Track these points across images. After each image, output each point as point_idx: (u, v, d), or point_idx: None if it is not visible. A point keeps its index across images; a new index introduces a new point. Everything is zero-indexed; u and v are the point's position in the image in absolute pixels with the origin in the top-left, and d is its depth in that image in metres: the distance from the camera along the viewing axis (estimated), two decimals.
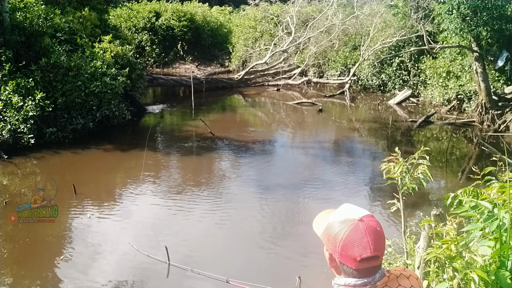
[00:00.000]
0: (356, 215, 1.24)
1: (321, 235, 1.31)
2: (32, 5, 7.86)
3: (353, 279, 1.23)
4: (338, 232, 1.22)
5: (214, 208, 5.24)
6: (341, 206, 1.30)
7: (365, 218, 1.22)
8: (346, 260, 1.20)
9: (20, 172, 6.22)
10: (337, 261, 1.24)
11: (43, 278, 3.83)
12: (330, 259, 1.28)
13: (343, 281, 1.25)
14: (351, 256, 1.19)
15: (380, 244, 1.20)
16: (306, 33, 14.19)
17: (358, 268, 1.20)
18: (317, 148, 8.25)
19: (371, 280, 1.23)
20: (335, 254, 1.23)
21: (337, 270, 1.27)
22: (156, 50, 16.89)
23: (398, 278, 1.28)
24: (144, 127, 9.39)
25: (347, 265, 1.21)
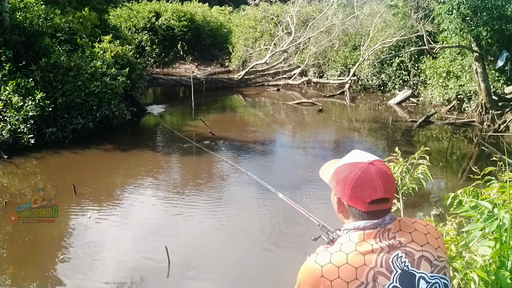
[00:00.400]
0: (366, 158, 1.22)
1: (329, 180, 1.30)
2: (32, 5, 7.86)
3: (362, 221, 1.20)
4: (347, 175, 1.20)
5: (214, 208, 5.24)
6: (351, 152, 1.28)
7: (375, 162, 1.20)
8: (356, 203, 1.18)
9: (20, 172, 6.22)
10: (346, 204, 1.22)
11: (43, 278, 3.83)
12: (338, 204, 1.26)
13: (352, 225, 1.22)
14: (360, 198, 1.17)
15: (390, 187, 1.18)
16: (306, 33, 14.19)
17: (367, 210, 1.17)
18: (317, 148, 8.25)
19: (381, 221, 1.19)
20: (344, 197, 1.21)
21: (345, 214, 1.25)
22: (156, 50, 16.89)
23: (413, 223, 1.24)
24: (144, 127, 9.40)
25: (356, 207, 1.19)
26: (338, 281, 1.13)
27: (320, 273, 1.16)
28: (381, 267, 1.13)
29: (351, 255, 1.15)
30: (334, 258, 1.17)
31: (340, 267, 1.14)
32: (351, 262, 1.14)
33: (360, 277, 1.12)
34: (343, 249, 1.18)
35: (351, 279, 1.12)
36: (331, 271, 1.14)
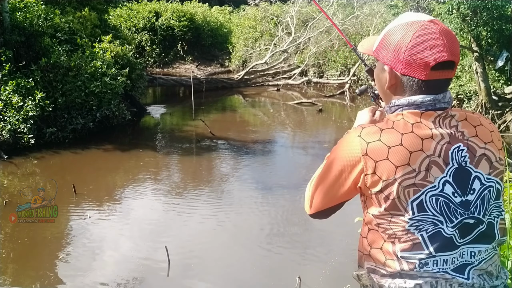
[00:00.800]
0: (424, 17, 1.01)
1: (375, 48, 1.09)
2: (32, 5, 7.86)
3: (419, 96, 1.00)
4: (404, 36, 0.99)
5: (214, 208, 5.24)
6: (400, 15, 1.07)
7: (435, 20, 0.99)
8: (414, 69, 0.98)
9: (20, 172, 6.22)
10: (399, 74, 1.01)
11: (43, 278, 3.83)
12: (389, 75, 1.04)
13: (405, 100, 1.02)
14: (422, 61, 0.96)
15: (456, 49, 0.98)
16: (306, 33, 14.19)
17: (428, 79, 0.98)
18: (317, 148, 8.25)
19: (441, 97, 1.00)
20: (397, 64, 1.00)
21: (396, 90, 1.05)
22: (156, 50, 16.88)
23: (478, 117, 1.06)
24: (144, 127, 9.40)
25: (413, 76, 0.99)
26: (386, 163, 0.97)
27: (365, 150, 0.99)
28: (438, 157, 0.97)
29: (408, 137, 0.98)
30: (385, 136, 0.99)
31: (392, 147, 0.97)
32: (407, 145, 0.97)
33: (413, 164, 0.96)
34: (397, 128, 0.99)
35: (402, 163, 0.96)
36: (380, 150, 0.98)
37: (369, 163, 0.98)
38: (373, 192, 1.00)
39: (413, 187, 0.97)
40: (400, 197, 0.97)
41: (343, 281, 3.41)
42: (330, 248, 4.35)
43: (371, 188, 1.00)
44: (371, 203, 1.03)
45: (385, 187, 0.97)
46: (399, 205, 0.98)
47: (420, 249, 0.98)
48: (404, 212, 0.98)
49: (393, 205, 0.98)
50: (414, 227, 0.98)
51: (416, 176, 0.96)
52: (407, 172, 0.96)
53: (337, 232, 4.66)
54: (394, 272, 1.01)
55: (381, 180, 0.98)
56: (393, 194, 0.97)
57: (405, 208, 0.98)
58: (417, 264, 0.98)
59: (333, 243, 4.45)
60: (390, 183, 0.97)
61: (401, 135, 0.98)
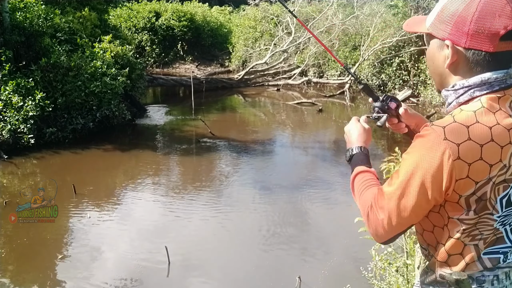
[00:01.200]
0: None
1: (431, 23, 0.99)
2: (32, 5, 7.86)
3: (489, 73, 0.91)
4: (466, 6, 0.90)
5: (214, 208, 5.24)
6: None
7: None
8: (481, 40, 0.89)
9: (20, 172, 6.22)
10: (463, 48, 0.92)
11: (43, 278, 3.83)
12: (452, 51, 0.93)
13: (477, 79, 0.92)
14: (490, 30, 0.88)
15: None
16: (306, 33, 14.18)
17: (496, 51, 0.89)
18: (317, 148, 8.25)
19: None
20: (461, 37, 0.91)
21: (456, 68, 0.96)
22: (156, 50, 16.89)
23: None
24: (144, 127, 9.39)
25: (479, 49, 0.90)
26: (480, 164, 0.88)
27: (457, 153, 0.87)
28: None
29: (496, 130, 0.89)
30: (474, 132, 0.88)
31: (484, 145, 0.88)
32: (497, 139, 0.88)
33: (504, 159, 0.89)
34: (483, 121, 0.90)
35: (495, 161, 0.88)
36: (472, 150, 0.87)
37: (462, 167, 0.88)
38: (464, 196, 0.91)
39: (503, 184, 0.91)
40: (491, 196, 0.92)
41: (343, 281, 3.41)
42: (330, 248, 4.35)
43: (462, 192, 0.91)
44: (455, 207, 0.94)
45: (478, 188, 0.90)
46: (489, 205, 0.92)
47: (502, 242, 0.97)
48: (492, 210, 0.93)
49: (483, 206, 0.92)
50: (500, 223, 0.95)
51: (506, 172, 0.90)
52: (500, 169, 0.89)
53: (337, 232, 4.66)
54: (474, 270, 0.98)
55: (474, 182, 0.89)
56: (486, 195, 0.91)
57: (493, 206, 0.93)
58: (501, 258, 0.97)
59: (333, 243, 4.45)
60: (484, 184, 0.90)
61: (489, 128, 0.89)
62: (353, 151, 1.25)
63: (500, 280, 1.00)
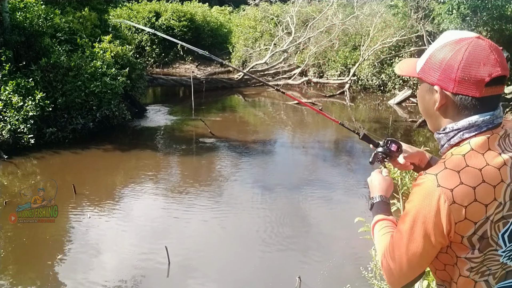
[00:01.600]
0: (470, 34, 0.97)
1: (420, 69, 1.04)
2: (32, 5, 7.86)
3: (476, 116, 0.96)
4: (454, 54, 0.95)
5: (214, 209, 5.24)
6: (442, 35, 1.03)
7: (481, 36, 0.97)
8: (467, 87, 0.94)
9: (20, 172, 6.23)
10: (450, 94, 0.97)
11: (43, 278, 3.83)
12: (440, 96, 0.99)
13: (465, 122, 0.97)
14: (476, 78, 0.93)
15: (506, 64, 0.96)
16: (306, 33, 14.19)
17: (482, 96, 0.94)
18: (317, 148, 8.25)
19: (498, 113, 0.97)
20: (449, 84, 0.96)
21: (447, 111, 1.01)
22: (156, 50, 16.89)
23: None
24: (144, 127, 9.39)
25: (467, 94, 0.95)
26: (475, 204, 0.92)
27: (451, 198, 0.92)
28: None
29: (486, 171, 0.94)
30: (465, 177, 0.93)
31: (476, 187, 0.92)
32: (488, 180, 0.93)
33: (499, 197, 0.94)
34: (472, 164, 0.95)
35: (489, 200, 0.93)
36: (466, 193, 0.92)
37: (458, 211, 0.92)
38: (466, 237, 0.95)
39: (502, 220, 0.95)
40: (492, 234, 0.96)
41: (343, 281, 3.41)
42: (330, 248, 4.35)
43: (464, 233, 0.95)
44: (461, 247, 0.98)
45: (478, 228, 0.94)
46: (492, 242, 0.96)
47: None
48: (496, 246, 0.97)
49: (486, 244, 0.96)
50: (507, 258, 0.99)
51: (503, 209, 0.95)
52: (496, 207, 0.94)
53: (337, 232, 4.66)
54: None
55: (473, 223, 0.94)
56: (487, 233, 0.95)
57: (496, 243, 0.97)
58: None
59: (333, 244, 4.46)
60: (483, 223, 0.94)
61: (479, 171, 0.94)
62: (374, 200, 1.30)
63: None
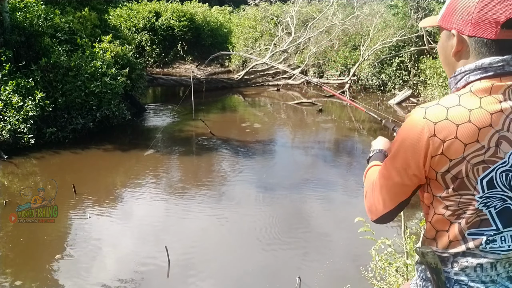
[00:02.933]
0: None
1: (440, 16, 1.07)
2: (32, 5, 7.86)
3: (488, 58, 0.96)
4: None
5: (215, 208, 5.24)
6: None
7: None
8: (483, 28, 0.95)
9: (20, 172, 6.22)
10: (467, 38, 0.99)
11: (43, 278, 3.83)
12: (457, 40, 1.00)
13: (472, 65, 0.99)
14: (491, 18, 0.94)
15: None
16: (306, 33, 14.19)
17: (497, 38, 0.94)
18: (317, 148, 8.25)
19: (510, 59, 0.96)
20: (465, 25, 0.98)
21: (460, 56, 1.02)
22: (156, 50, 16.89)
23: None
24: (144, 127, 9.40)
25: (482, 36, 0.96)
26: (454, 142, 0.94)
27: (432, 131, 0.95)
28: (507, 131, 0.95)
29: (476, 112, 0.94)
30: (452, 113, 0.95)
31: (460, 125, 0.94)
32: (475, 121, 0.94)
33: (482, 140, 0.94)
34: (464, 104, 0.96)
35: (470, 140, 0.94)
36: (448, 129, 0.94)
37: (436, 144, 0.95)
38: (439, 173, 0.97)
39: (482, 164, 0.95)
40: (469, 176, 0.95)
41: (343, 281, 3.41)
42: (330, 248, 4.35)
43: (438, 169, 0.97)
44: (436, 185, 1.00)
45: (453, 166, 0.95)
46: (468, 184, 0.96)
47: (487, 225, 0.98)
48: (473, 190, 0.96)
49: (461, 184, 0.96)
50: (482, 204, 0.97)
51: (485, 153, 0.94)
52: (476, 149, 0.94)
53: (337, 232, 4.66)
54: (458, 252, 1.01)
55: (448, 160, 0.95)
56: (461, 173, 0.95)
57: (474, 187, 0.96)
58: (484, 240, 0.99)
59: (333, 243, 4.46)
60: (458, 162, 0.95)
61: (469, 111, 0.94)
62: (373, 152, 1.38)
63: (484, 269, 1.00)
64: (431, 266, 1.03)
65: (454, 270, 1.02)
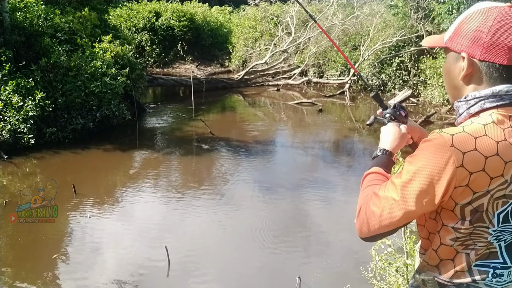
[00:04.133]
0: (500, 4, 0.97)
1: (448, 37, 1.02)
2: (32, 5, 7.86)
3: (503, 86, 0.93)
4: (484, 20, 0.94)
5: (215, 208, 5.24)
6: (472, 6, 1.01)
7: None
8: (496, 53, 0.92)
9: (20, 172, 6.23)
10: (477, 62, 0.96)
11: (43, 278, 3.83)
12: (468, 63, 0.96)
13: (489, 91, 0.95)
14: (504, 43, 0.91)
15: None
16: (306, 33, 14.19)
17: (510, 64, 0.92)
18: (317, 148, 8.25)
19: None
20: (476, 49, 0.95)
21: (470, 79, 0.99)
22: (156, 50, 16.88)
23: None
24: (144, 127, 9.40)
25: (494, 61, 0.93)
26: (481, 174, 0.90)
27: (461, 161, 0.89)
28: None
29: (503, 145, 0.91)
30: (480, 144, 0.91)
31: (489, 158, 0.90)
32: (502, 154, 0.90)
33: (506, 175, 0.91)
34: (491, 134, 0.91)
35: (496, 174, 0.90)
36: (477, 161, 0.89)
37: (463, 176, 0.90)
38: (459, 204, 0.93)
39: (502, 199, 0.93)
40: (488, 209, 0.93)
41: (343, 281, 3.41)
42: (330, 248, 4.35)
43: (458, 200, 0.93)
44: (450, 215, 0.96)
45: (475, 199, 0.92)
46: (485, 217, 0.94)
47: (495, 257, 0.97)
48: (489, 223, 0.94)
49: (479, 218, 0.94)
50: (494, 238, 0.96)
51: (507, 187, 0.92)
52: (500, 183, 0.91)
53: (337, 232, 4.66)
54: (462, 283, 0.98)
55: (472, 192, 0.91)
56: (483, 207, 0.92)
57: (490, 220, 0.94)
58: (491, 273, 0.97)
59: (333, 243, 4.46)
60: (482, 195, 0.91)
61: (496, 143, 0.91)
62: (378, 153, 1.29)
63: None
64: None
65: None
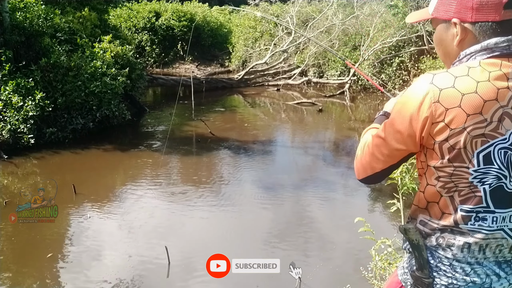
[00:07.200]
0: None
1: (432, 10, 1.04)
2: (32, 5, 7.85)
3: (493, 38, 0.95)
4: None
5: (214, 209, 5.24)
6: None
7: None
8: (486, 11, 0.93)
9: (20, 172, 6.22)
10: (469, 24, 0.97)
11: (43, 278, 3.83)
12: (460, 28, 0.98)
13: (478, 45, 0.96)
14: (493, 1, 0.92)
15: None
16: (306, 33, 14.18)
17: (502, 19, 0.93)
18: (317, 148, 8.25)
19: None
20: (466, 13, 0.96)
21: (463, 44, 0.99)
22: (156, 50, 16.88)
23: None
24: (144, 127, 9.40)
25: (485, 20, 0.94)
26: (457, 110, 0.92)
27: (437, 97, 0.93)
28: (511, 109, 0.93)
29: (483, 85, 0.92)
30: (459, 82, 0.93)
31: (465, 95, 0.92)
32: (481, 93, 0.92)
33: (485, 113, 0.92)
34: (473, 75, 0.94)
35: (474, 112, 0.92)
36: (452, 97, 0.92)
37: (439, 110, 0.93)
38: (437, 142, 0.95)
39: (481, 138, 0.93)
40: (467, 147, 0.94)
41: (343, 281, 3.41)
42: (330, 248, 4.35)
43: (436, 137, 0.95)
44: (432, 154, 0.98)
45: (452, 136, 0.94)
46: (464, 156, 0.95)
47: (479, 202, 0.97)
48: (468, 163, 0.95)
49: (457, 156, 0.95)
50: (477, 180, 0.96)
51: (486, 126, 0.93)
52: (478, 122, 0.92)
53: (337, 232, 4.66)
54: (446, 226, 1.00)
55: (448, 128, 0.93)
56: (459, 144, 0.94)
57: (470, 160, 0.95)
58: (473, 217, 0.97)
59: (333, 243, 4.46)
60: (458, 132, 0.93)
61: (476, 82, 0.92)
62: (380, 113, 1.36)
63: (471, 250, 0.98)
64: (413, 243, 1.02)
65: (440, 247, 1.01)
